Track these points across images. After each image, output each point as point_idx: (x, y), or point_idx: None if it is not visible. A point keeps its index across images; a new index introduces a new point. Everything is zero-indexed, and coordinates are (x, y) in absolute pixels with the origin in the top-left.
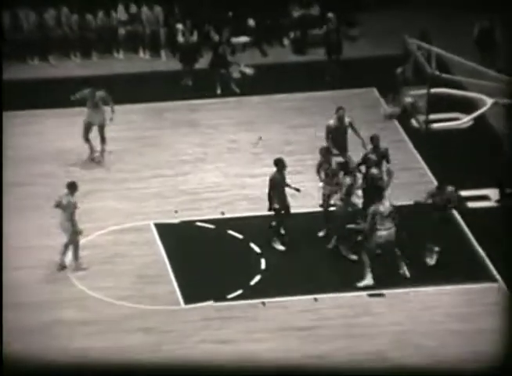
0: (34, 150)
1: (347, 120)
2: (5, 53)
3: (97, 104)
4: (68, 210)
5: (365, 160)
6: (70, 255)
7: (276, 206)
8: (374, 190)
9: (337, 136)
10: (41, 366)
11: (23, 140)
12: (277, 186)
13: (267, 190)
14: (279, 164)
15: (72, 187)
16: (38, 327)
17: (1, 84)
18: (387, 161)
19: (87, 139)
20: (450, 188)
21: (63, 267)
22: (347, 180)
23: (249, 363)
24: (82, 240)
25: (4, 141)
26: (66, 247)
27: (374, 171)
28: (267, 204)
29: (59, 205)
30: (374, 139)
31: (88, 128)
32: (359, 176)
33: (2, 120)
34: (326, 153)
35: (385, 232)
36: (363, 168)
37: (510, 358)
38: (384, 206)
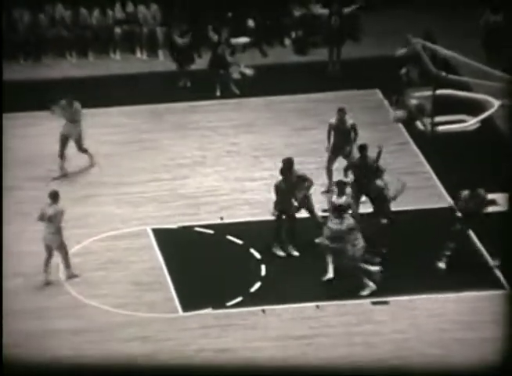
0: (31, 153)
1: (349, 122)
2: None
3: (74, 116)
4: (56, 220)
5: (349, 168)
6: (60, 267)
7: (276, 212)
8: (378, 203)
9: (337, 136)
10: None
11: (20, 143)
12: (281, 194)
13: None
14: (284, 171)
15: (55, 197)
16: (32, 335)
17: (2, 86)
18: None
19: (61, 156)
20: (482, 191)
21: (49, 283)
22: (344, 200)
23: (248, 371)
24: (78, 247)
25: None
26: (47, 263)
27: (379, 182)
28: (268, 208)
29: (43, 218)
30: (363, 148)
31: (64, 142)
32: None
33: (2, 122)
34: (287, 162)
35: (358, 245)
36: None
37: (510, 359)
38: (350, 221)
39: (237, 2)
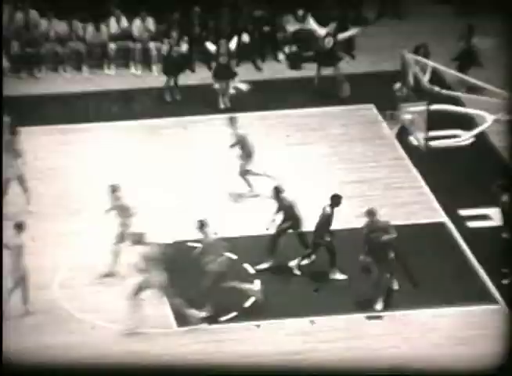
0: (28, 167)
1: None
2: None
3: (18, 152)
4: (16, 251)
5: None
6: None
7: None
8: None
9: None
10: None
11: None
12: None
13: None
14: (334, 199)
15: (20, 227)
16: (25, 351)
17: (1, 101)
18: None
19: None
20: None
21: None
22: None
23: None
24: (72, 261)
25: None
26: (11, 292)
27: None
28: (262, 223)
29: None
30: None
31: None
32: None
33: (2, 137)
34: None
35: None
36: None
37: (510, 359)
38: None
39: (232, 17)
